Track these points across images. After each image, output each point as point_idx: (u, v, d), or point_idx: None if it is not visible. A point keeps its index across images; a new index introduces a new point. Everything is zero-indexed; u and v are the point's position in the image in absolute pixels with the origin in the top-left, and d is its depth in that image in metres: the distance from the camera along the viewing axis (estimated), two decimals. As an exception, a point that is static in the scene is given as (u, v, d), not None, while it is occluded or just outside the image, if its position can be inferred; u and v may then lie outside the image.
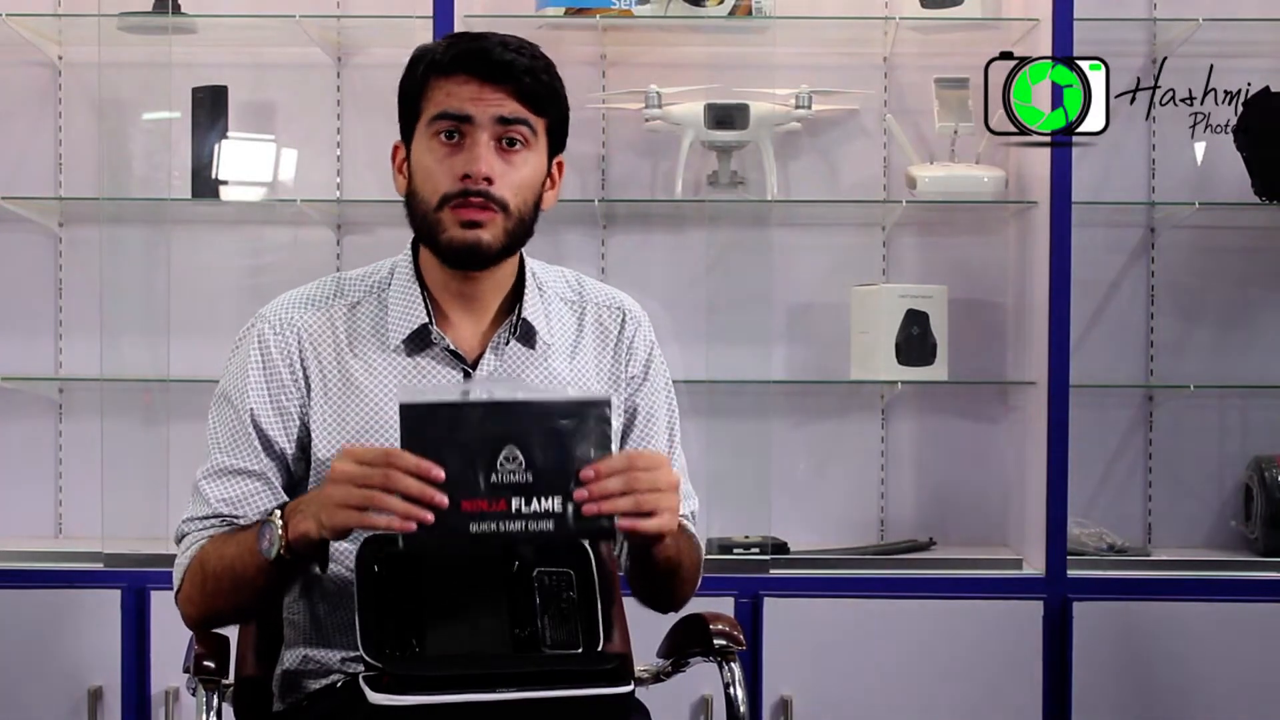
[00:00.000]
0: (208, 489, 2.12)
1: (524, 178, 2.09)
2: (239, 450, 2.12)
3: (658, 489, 1.89)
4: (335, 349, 2.14)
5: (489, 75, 2.06)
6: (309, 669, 2.14)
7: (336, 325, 2.15)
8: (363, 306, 2.16)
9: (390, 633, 1.98)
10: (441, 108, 2.07)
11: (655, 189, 3.78)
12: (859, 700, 3.38)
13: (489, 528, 1.85)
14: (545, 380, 2.15)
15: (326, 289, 2.18)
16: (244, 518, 2.10)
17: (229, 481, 2.11)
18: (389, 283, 2.17)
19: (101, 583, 3.40)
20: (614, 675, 1.99)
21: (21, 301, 3.78)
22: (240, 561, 2.01)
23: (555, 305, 2.21)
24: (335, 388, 2.12)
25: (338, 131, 3.78)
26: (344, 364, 2.13)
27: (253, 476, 2.11)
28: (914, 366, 3.58)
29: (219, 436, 2.14)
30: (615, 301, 2.25)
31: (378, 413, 2.10)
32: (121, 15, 3.59)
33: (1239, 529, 3.67)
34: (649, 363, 2.24)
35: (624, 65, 3.76)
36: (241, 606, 2.08)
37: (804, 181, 3.77)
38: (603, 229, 3.78)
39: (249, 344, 2.15)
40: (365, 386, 2.12)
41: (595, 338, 2.22)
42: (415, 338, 2.13)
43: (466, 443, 1.85)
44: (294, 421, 2.13)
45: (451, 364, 2.14)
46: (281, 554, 1.95)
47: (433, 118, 2.08)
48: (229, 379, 2.15)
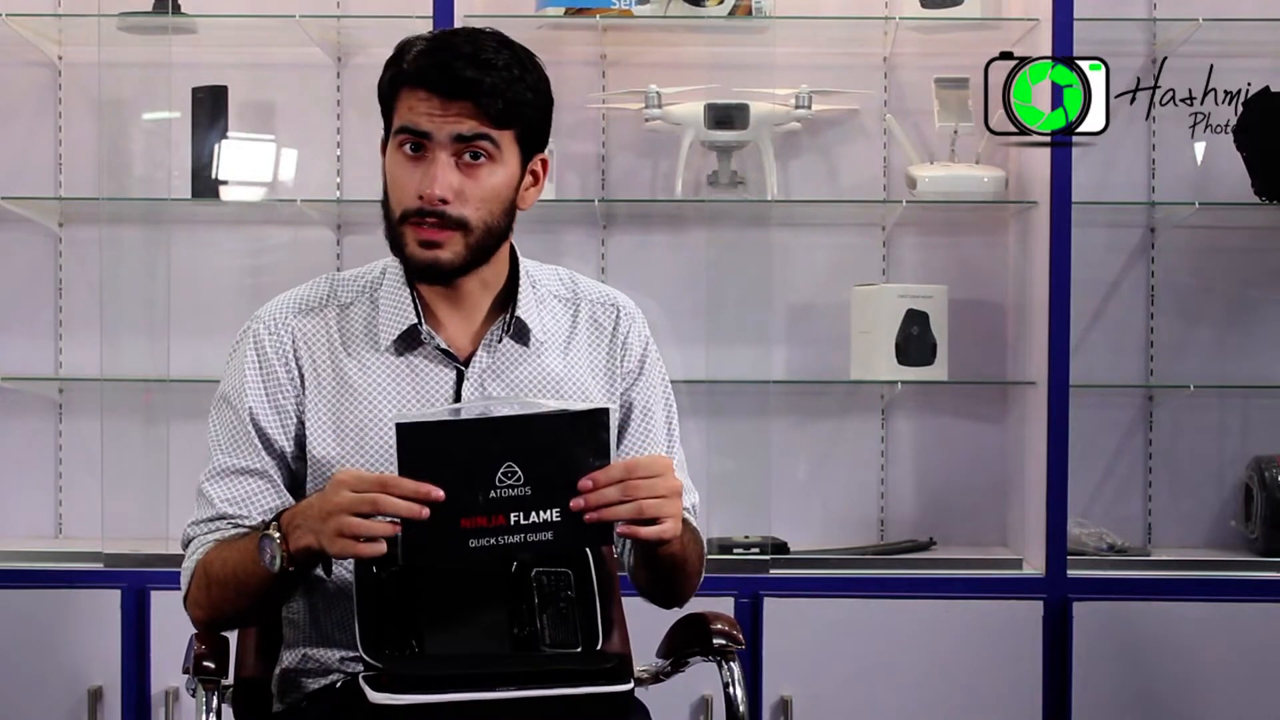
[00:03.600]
0: (211, 490, 2.12)
1: (488, 190, 2.07)
2: (240, 450, 2.12)
3: (657, 495, 1.90)
4: (329, 349, 2.14)
5: (450, 93, 2.03)
6: (308, 668, 2.14)
7: (330, 326, 2.15)
8: (355, 307, 2.16)
9: (389, 633, 1.98)
10: (404, 120, 2.06)
11: (655, 189, 3.78)
12: (859, 700, 3.38)
13: (488, 542, 1.87)
14: (538, 377, 2.15)
15: (320, 290, 2.19)
16: (248, 517, 2.10)
17: (232, 481, 2.12)
18: (380, 283, 2.17)
19: (101, 583, 3.40)
20: (613, 674, 1.99)
21: (21, 301, 3.78)
22: (243, 569, 2.02)
23: (549, 302, 2.21)
24: (330, 387, 2.13)
25: (338, 131, 3.78)
26: (338, 364, 2.13)
27: (256, 475, 2.12)
28: (914, 366, 3.58)
29: (220, 438, 2.14)
30: (609, 298, 2.25)
31: (372, 412, 2.11)
32: (121, 15, 3.59)
33: (1239, 529, 3.67)
34: (644, 358, 2.24)
35: (624, 65, 3.76)
36: (246, 610, 2.08)
37: (804, 181, 3.77)
38: (603, 229, 3.78)
39: (245, 346, 2.16)
40: (359, 386, 2.12)
41: (589, 333, 2.22)
42: (406, 337, 2.13)
43: (464, 460, 1.86)
44: (291, 420, 2.13)
45: (443, 362, 2.14)
46: (285, 566, 1.96)
47: (396, 129, 2.07)
48: (227, 381, 2.16)
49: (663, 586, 2.18)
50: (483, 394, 2.13)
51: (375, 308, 2.15)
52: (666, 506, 1.91)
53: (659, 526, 1.91)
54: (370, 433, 2.10)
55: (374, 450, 2.10)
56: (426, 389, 2.13)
